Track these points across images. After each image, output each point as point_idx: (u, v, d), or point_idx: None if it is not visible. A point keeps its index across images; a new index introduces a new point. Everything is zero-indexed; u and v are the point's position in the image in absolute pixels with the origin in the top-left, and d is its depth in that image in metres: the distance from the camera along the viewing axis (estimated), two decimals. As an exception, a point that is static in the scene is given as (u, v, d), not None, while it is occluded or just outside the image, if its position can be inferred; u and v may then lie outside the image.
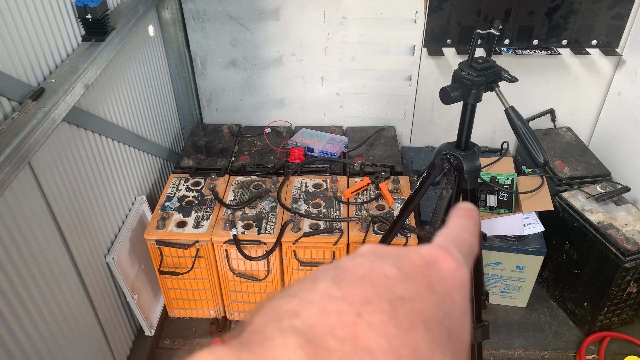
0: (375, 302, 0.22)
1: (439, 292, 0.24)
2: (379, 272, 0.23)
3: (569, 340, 1.82)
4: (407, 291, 0.23)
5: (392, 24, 1.96)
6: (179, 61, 2.10)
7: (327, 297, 0.22)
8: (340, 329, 0.20)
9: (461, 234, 0.29)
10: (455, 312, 0.24)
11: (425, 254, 0.25)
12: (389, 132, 2.16)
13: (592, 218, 1.69)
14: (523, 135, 1.05)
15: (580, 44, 1.97)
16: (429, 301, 0.23)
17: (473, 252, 0.29)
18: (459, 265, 0.26)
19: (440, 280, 0.24)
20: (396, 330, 0.21)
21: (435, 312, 0.23)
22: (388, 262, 0.24)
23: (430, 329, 0.22)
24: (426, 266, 0.25)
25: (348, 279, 0.23)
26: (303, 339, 0.20)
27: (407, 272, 0.24)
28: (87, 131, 1.46)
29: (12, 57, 1.15)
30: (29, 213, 1.18)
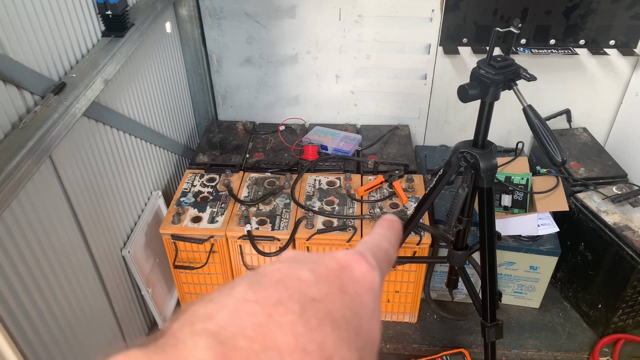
0: (287, 303, 0.23)
1: (349, 293, 0.26)
2: (294, 276, 0.25)
3: (582, 342, 1.81)
4: (318, 292, 0.24)
5: (408, 23, 1.96)
6: (195, 58, 2.12)
7: (242, 300, 0.23)
8: (251, 329, 0.22)
9: (380, 241, 0.32)
10: (364, 312, 0.26)
11: (340, 259, 0.27)
12: (403, 131, 2.16)
13: (608, 219, 1.68)
14: (541, 134, 1.04)
15: (598, 44, 1.96)
16: (339, 301, 0.25)
17: (389, 259, 0.31)
18: (372, 269, 0.28)
19: (351, 282, 0.26)
20: (304, 329, 0.22)
21: (343, 311, 0.24)
22: (304, 267, 0.26)
23: (337, 327, 0.23)
24: (339, 270, 0.27)
25: (264, 283, 0.24)
26: (213, 339, 0.21)
27: (320, 275, 0.26)
28: (106, 126, 1.48)
29: (34, 52, 1.17)
30: (50, 206, 1.20)
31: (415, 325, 1.87)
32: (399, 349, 1.80)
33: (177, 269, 1.73)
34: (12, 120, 1.09)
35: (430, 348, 1.79)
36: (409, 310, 1.84)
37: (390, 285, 1.75)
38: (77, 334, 1.32)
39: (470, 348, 1.77)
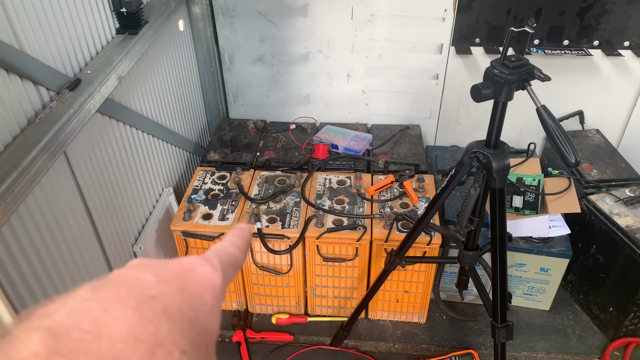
0: (124, 300, 0.25)
1: (189, 291, 0.28)
2: (136, 278, 0.27)
3: (592, 345, 1.79)
4: (157, 291, 0.26)
5: (420, 22, 1.95)
6: (207, 56, 2.13)
7: (81, 299, 0.25)
8: (86, 323, 0.23)
9: (229, 247, 0.35)
10: (203, 307, 0.28)
11: (184, 263, 0.30)
12: (414, 131, 2.16)
13: (621, 222, 1.67)
14: (555, 134, 1.04)
15: (612, 45, 1.94)
16: (178, 298, 0.27)
17: (236, 262, 0.35)
18: (214, 271, 0.30)
19: (192, 282, 0.29)
20: (139, 320, 0.24)
21: (181, 306, 0.27)
22: (148, 271, 0.28)
23: (172, 319, 0.26)
24: (182, 272, 0.29)
25: (105, 285, 0.26)
26: (47, 333, 0.22)
27: (162, 278, 0.28)
28: (119, 122, 1.49)
29: (50, 48, 1.18)
30: (63, 200, 1.21)
31: (424, 326, 1.86)
32: (407, 349, 1.80)
33: (187, 265, 1.74)
34: (28, 115, 1.10)
35: (439, 349, 1.79)
36: (418, 311, 1.83)
37: (399, 285, 1.75)
38: (88, 328, 1.33)
39: (480, 349, 1.76)
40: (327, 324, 1.86)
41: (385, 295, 1.79)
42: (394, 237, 1.61)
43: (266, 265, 1.73)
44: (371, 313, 1.87)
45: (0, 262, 1.00)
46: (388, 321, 1.88)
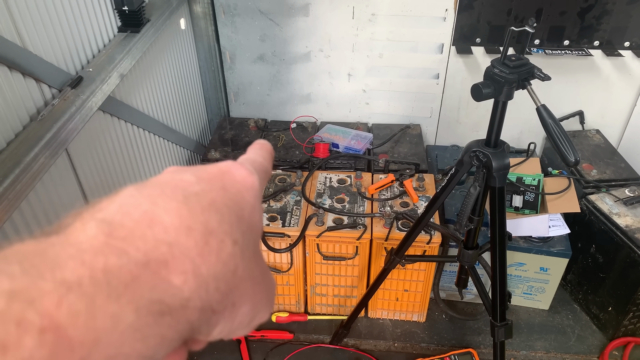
0: (170, 195, 0.25)
1: (231, 190, 0.28)
2: (178, 179, 0.27)
3: (591, 344, 1.80)
4: (201, 189, 0.27)
5: (421, 22, 1.96)
6: (209, 55, 2.13)
7: (128, 196, 0.25)
8: (137, 214, 0.24)
9: (255, 157, 0.35)
10: (246, 206, 0.28)
11: (221, 166, 0.30)
12: (415, 130, 2.16)
13: (620, 221, 1.67)
14: (554, 133, 1.04)
15: (613, 46, 1.94)
16: (221, 195, 0.27)
17: (266, 171, 0.35)
18: (251, 173, 0.30)
19: (232, 183, 0.29)
20: (188, 212, 0.25)
21: (225, 202, 0.27)
22: (187, 172, 0.28)
23: (219, 212, 0.26)
24: (221, 174, 0.29)
25: (148, 185, 0.27)
26: (101, 222, 0.23)
27: (202, 178, 0.28)
28: (120, 120, 1.49)
29: (53, 46, 1.19)
30: (65, 198, 1.22)
31: (424, 325, 1.87)
32: (407, 348, 1.80)
33: (188, 263, 1.74)
34: (30, 112, 1.11)
35: (438, 347, 1.79)
36: (418, 310, 1.84)
37: (399, 284, 1.76)
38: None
39: (479, 348, 1.77)
40: (327, 323, 1.86)
41: (385, 294, 1.80)
42: (394, 236, 1.61)
43: (266, 264, 1.73)
44: (371, 312, 1.88)
45: (2, 258, 1.01)
46: (388, 320, 1.88)
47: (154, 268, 0.22)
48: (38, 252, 0.21)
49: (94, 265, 0.21)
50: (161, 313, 0.22)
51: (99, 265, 0.21)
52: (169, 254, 0.23)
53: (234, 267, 0.26)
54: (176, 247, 0.23)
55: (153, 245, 0.23)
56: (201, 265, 0.24)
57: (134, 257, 0.22)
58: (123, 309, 0.21)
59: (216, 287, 0.24)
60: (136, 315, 0.21)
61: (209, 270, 0.24)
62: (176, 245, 0.23)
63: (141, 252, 0.22)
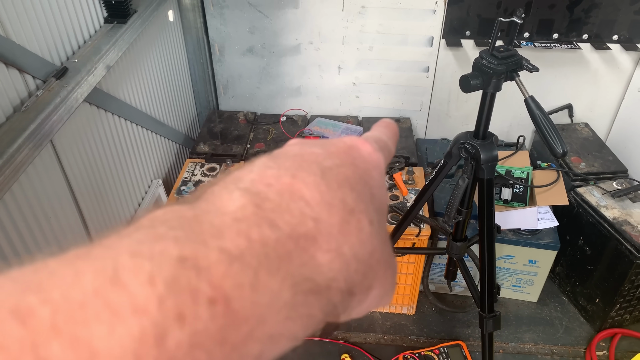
0: (307, 168, 0.25)
1: (360, 166, 0.28)
2: (309, 152, 0.27)
3: (579, 336, 1.81)
4: (333, 163, 0.26)
5: (411, 15, 1.95)
6: (197, 47, 2.11)
7: (264, 167, 0.25)
8: (279, 185, 0.23)
9: (380, 136, 0.34)
10: (374, 183, 0.28)
11: (347, 141, 0.29)
12: (405, 124, 2.16)
13: (608, 214, 1.68)
14: (542, 125, 1.04)
15: (601, 39, 1.95)
16: (352, 172, 0.27)
17: (389, 150, 0.34)
18: (376, 150, 0.30)
19: (360, 158, 0.28)
20: (327, 188, 0.24)
21: (358, 179, 0.26)
22: (316, 145, 0.28)
23: (354, 189, 0.25)
24: (349, 148, 0.28)
25: (282, 157, 0.26)
26: (246, 191, 0.22)
27: (331, 152, 0.27)
28: (107, 112, 1.48)
29: (37, 36, 1.17)
30: (50, 190, 1.20)
31: (414, 317, 1.87)
32: (396, 341, 1.81)
33: (176, 257, 1.73)
34: (14, 103, 1.09)
35: (428, 340, 1.80)
36: (407, 302, 1.84)
37: (389, 276, 1.76)
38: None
39: (468, 340, 1.78)
40: (316, 316, 1.86)
41: (375, 286, 1.80)
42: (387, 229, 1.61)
43: None
44: (361, 305, 1.88)
45: (-15, 251, 1.00)
46: (377, 313, 1.89)
47: (303, 244, 0.22)
48: (196, 218, 0.20)
49: (251, 236, 0.20)
50: (312, 291, 0.21)
51: (255, 237, 0.20)
52: (315, 230, 0.22)
53: (371, 249, 0.25)
54: (321, 224, 0.23)
55: (300, 219, 0.22)
56: (344, 245, 0.23)
57: (285, 231, 0.21)
58: (281, 285, 0.20)
59: (356, 269, 0.24)
60: (292, 292, 0.20)
61: (351, 250, 0.23)
62: (320, 221, 0.23)
63: (290, 226, 0.22)
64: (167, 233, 0.19)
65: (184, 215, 0.20)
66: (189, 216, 0.20)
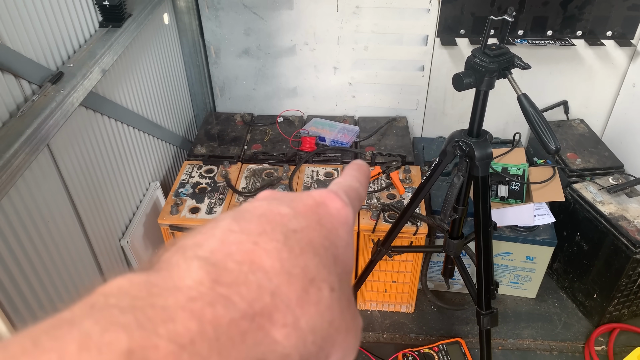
0: (270, 233, 0.25)
1: (326, 226, 0.27)
2: (275, 211, 0.26)
3: (578, 331, 1.82)
4: (298, 225, 0.26)
5: (405, 14, 1.96)
6: (193, 50, 2.12)
7: (227, 231, 0.24)
8: (239, 255, 0.23)
9: (352, 182, 0.34)
10: (340, 243, 0.28)
11: (316, 197, 0.29)
12: (401, 123, 2.17)
13: (604, 209, 1.69)
14: (535, 122, 1.05)
15: (595, 35, 1.96)
16: (317, 232, 0.26)
17: (360, 197, 0.34)
18: (345, 205, 0.29)
19: (327, 216, 0.28)
20: (288, 255, 0.24)
21: (322, 241, 0.26)
22: (283, 203, 0.27)
23: (317, 254, 0.25)
24: (316, 206, 0.28)
25: (247, 217, 0.26)
26: (204, 262, 0.22)
27: (299, 211, 0.27)
28: (104, 116, 1.48)
29: (32, 41, 1.17)
30: (48, 194, 1.21)
31: (412, 315, 1.88)
32: (396, 339, 1.82)
33: (175, 259, 1.74)
34: (10, 108, 1.10)
35: (427, 338, 1.81)
36: (406, 300, 1.85)
37: (387, 275, 1.77)
38: (76, 322, 1.33)
39: (467, 337, 1.78)
40: (316, 315, 1.87)
41: (374, 285, 1.80)
42: (381, 228, 1.62)
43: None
44: (360, 303, 1.88)
45: (-17, 256, 1.00)
46: (376, 311, 1.89)
47: (258, 321, 0.21)
48: (149, 296, 0.20)
49: (203, 317, 0.20)
50: None
51: (208, 317, 0.20)
52: (272, 305, 0.22)
53: (330, 318, 0.24)
54: (278, 297, 0.22)
55: (257, 293, 0.22)
56: (301, 318, 0.23)
57: (240, 308, 0.21)
58: None
59: (313, 341, 0.23)
60: None
61: (308, 323, 0.23)
62: (278, 294, 0.22)
63: (246, 302, 0.21)
64: (117, 318, 0.19)
65: (138, 295, 0.20)
66: (142, 296, 0.20)
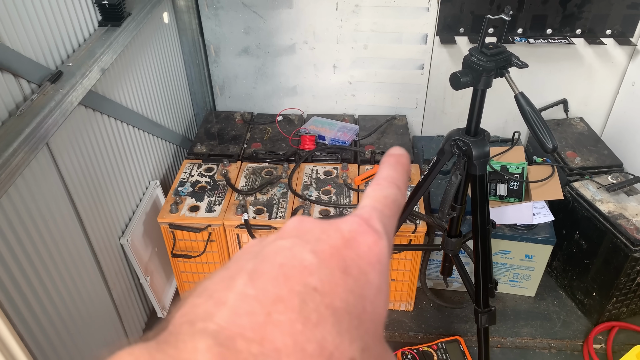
0: (286, 299, 0.23)
1: (353, 274, 0.25)
2: (297, 261, 0.24)
3: (577, 329, 1.82)
4: (319, 280, 0.24)
5: (404, 12, 1.96)
6: (193, 48, 2.12)
7: (242, 295, 0.23)
8: (250, 330, 0.21)
9: (388, 190, 0.30)
10: (369, 292, 0.25)
11: (345, 232, 0.26)
12: (400, 121, 2.17)
13: (603, 208, 1.69)
14: (532, 120, 1.05)
15: (595, 34, 1.96)
16: (342, 286, 0.24)
17: (399, 208, 0.30)
18: (378, 238, 0.27)
19: (356, 260, 0.25)
20: (303, 326, 0.22)
21: (346, 297, 0.24)
22: (307, 246, 0.25)
23: (338, 319, 0.23)
24: (344, 246, 0.26)
25: (265, 271, 0.24)
26: (213, 341, 0.21)
27: (323, 258, 0.25)
28: (103, 115, 1.49)
29: (31, 41, 1.18)
30: (47, 193, 1.22)
31: (412, 314, 1.88)
32: (395, 337, 1.82)
33: (175, 257, 1.75)
34: (9, 108, 1.10)
35: (426, 336, 1.81)
36: (405, 299, 1.85)
37: (386, 273, 1.77)
38: (76, 321, 1.34)
39: (466, 336, 1.79)
40: (315, 314, 1.87)
41: (373, 284, 1.81)
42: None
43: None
44: (359, 302, 1.89)
45: (-17, 254, 1.01)
46: (376, 310, 1.89)
47: None
48: None
49: None
50: None
51: None
52: None
53: None
54: None
55: None
56: None
57: None
58: None
59: None
60: None
61: None
62: None
63: None
64: None
65: None
66: None
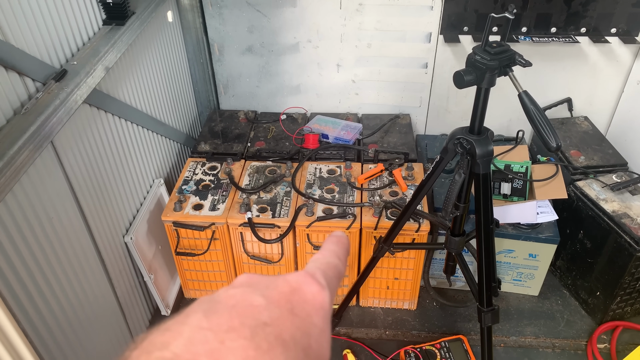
0: (238, 329, 0.24)
1: (300, 314, 0.27)
2: (247, 302, 0.26)
3: (580, 329, 1.82)
4: (269, 316, 0.26)
5: (408, 11, 1.96)
6: (197, 47, 2.13)
7: (196, 328, 0.24)
8: (204, 356, 0.23)
9: (330, 258, 0.34)
10: (314, 331, 0.27)
11: (292, 282, 0.29)
12: (404, 120, 2.17)
13: (607, 207, 1.69)
14: (536, 119, 1.05)
15: (599, 32, 1.95)
16: (289, 323, 0.26)
17: (339, 275, 0.34)
18: (322, 289, 0.29)
19: (302, 304, 0.28)
20: (255, 352, 0.24)
21: (294, 332, 0.26)
22: (257, 292, 0.27)
23: (287, 348, 0.25)
24: (291, 293, 0.28)
25: (219, 310, 0.26)
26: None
27: (272, 300, 0.27)
28: (107, 113, 1.49)
29: (36, 39, 1.18)
30: (52, 191, 1.22)
31: (415, 312, 1.88)
32: (398, 335, 1.82)
33: (179, 255, 1.75)
34: (14, 106, 1.11)
35: (429, 334, 1.81)
36: (409, 297, 1.85)
37: (389, 272, 1.77)
38: (80, 318, 1.35)
39: (469, 335, 1.78)
40: (318, 312, 1.87)
41: (376, 282, 1.81)
42: (383, 225, 1.62)
43: (257, 255, 1.74)
44: (362, 300, 1.89)
45: (-12, 251, 1.01)
46: (379, 308, 1.90)
47: None
48: None
49: None
50: None
51: None
52: None
53: None
54: None
55: None
56: None
57: None
58: None
59: None
60: None
61: None
62: None
63: None
64: None
65: None
66: None
